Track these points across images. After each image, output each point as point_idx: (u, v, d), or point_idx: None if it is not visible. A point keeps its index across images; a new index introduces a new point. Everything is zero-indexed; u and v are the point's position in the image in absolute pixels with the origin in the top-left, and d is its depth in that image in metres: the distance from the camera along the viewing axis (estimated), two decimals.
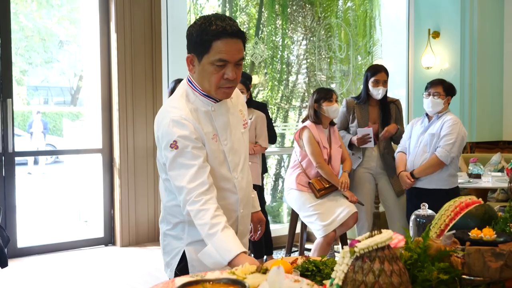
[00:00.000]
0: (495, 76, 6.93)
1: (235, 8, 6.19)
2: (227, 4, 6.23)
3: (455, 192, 4.12)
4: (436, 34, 6.84)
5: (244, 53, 1.97)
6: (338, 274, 1.19)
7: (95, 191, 5.77)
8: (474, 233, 1.54)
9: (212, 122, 2.00)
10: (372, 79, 4.35)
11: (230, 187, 2.04)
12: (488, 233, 1.52)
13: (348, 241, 4.23)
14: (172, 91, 4.42)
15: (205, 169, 1.90)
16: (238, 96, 2.17)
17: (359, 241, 1.17)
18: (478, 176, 5.05)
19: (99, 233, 5.54)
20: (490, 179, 4.97)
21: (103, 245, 5.47)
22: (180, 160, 1.90)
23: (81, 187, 6.78)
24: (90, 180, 6.04)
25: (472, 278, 1.36)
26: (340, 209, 4.12)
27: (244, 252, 1.79)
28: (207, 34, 1.87)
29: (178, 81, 4.63)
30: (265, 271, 1.43)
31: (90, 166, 5.96)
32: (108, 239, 5.50)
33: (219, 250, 1.78)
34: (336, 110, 4.23)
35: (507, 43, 6.95)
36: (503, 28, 6.95)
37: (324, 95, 4.22)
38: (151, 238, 5.51)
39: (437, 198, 1.88)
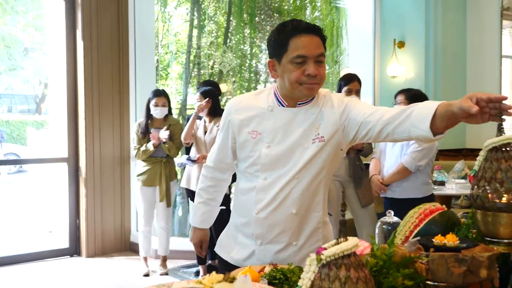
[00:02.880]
0: (458, 85, 7.08)
1: (203, 17, 6.19)
2: (195, 13, 6.22)
3: (430, 200, 4.02)
4: (401, 44, 6.96)
5: (325, 52, 1.94)
6: (305, 282, 1.19)
7: (60, 201, 5.66)
8: (438, 240, 1.56)
9: (260, 120, 1.99)
10: (345, 88, 4.36)
11: (251, 185, 2.01)
12: (451, 239, 1.54)
13: None
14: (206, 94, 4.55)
15: (217, 151, 2.16)
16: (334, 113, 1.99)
17: (325, 249, 1.18)
18: (442, 183, 5.14)
19: (64, 243, 5.43)
20: (454, 186, 5.07)
21: (68, 256, 5.36)
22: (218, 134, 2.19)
23: (46, 196, 6.63)
24: (55, 190, 5.92)
25: (436, 283, 1.38)
26: None
27: (200, 229, 2.23)
28: (284, 34, 1.91)
29: (205, 83, 4.74)
30: (232, 280, 1.42)
31: (55, 176, 5.84)
32: (73, 250, 5.40)
33: (191, 215, 2.27)
34: None
35: (470, 53, 7.11)
36: (465, 39, 7.12)
37: None
38: (117, 248, 5.43)
39: (412, 207, 1.89)
